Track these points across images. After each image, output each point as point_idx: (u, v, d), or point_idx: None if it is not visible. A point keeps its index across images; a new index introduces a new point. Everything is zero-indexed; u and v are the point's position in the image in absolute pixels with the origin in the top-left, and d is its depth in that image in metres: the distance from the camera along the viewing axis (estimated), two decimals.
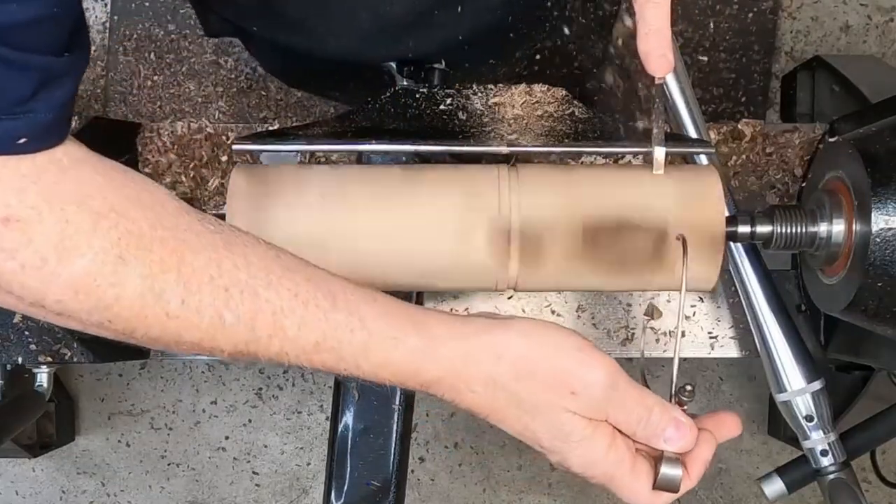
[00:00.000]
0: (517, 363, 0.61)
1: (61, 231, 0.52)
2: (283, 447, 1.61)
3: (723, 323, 1.10)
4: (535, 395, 0.61)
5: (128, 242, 0.54)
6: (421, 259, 0.80)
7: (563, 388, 0.60)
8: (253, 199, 0.80)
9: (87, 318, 0.55)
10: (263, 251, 0.60)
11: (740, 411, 1.58)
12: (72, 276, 0.53)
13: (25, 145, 0.52)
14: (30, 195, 0.52)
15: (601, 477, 0.62)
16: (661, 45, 0.74)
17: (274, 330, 0.58)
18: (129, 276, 0.54)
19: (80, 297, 0.54)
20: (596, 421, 0.61)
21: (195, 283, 0.55)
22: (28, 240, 0.52)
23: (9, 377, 1.24)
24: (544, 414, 0.61)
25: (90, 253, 0.53)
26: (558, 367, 0.61)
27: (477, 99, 0.84)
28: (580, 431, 0.61)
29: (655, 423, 0.62)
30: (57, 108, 0.53)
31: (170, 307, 0.55)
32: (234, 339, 0.58)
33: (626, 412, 0.61)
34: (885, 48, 1.55)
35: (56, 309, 0.55)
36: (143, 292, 0.54)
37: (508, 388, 0.61)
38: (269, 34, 0.89)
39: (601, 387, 0.60)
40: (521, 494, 1.59)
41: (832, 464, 0.97)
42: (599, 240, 0.79)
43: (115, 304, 0.54)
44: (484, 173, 0.81)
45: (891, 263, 0.80)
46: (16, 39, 0.49)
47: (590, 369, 0.61)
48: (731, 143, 1.07)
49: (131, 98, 1.52)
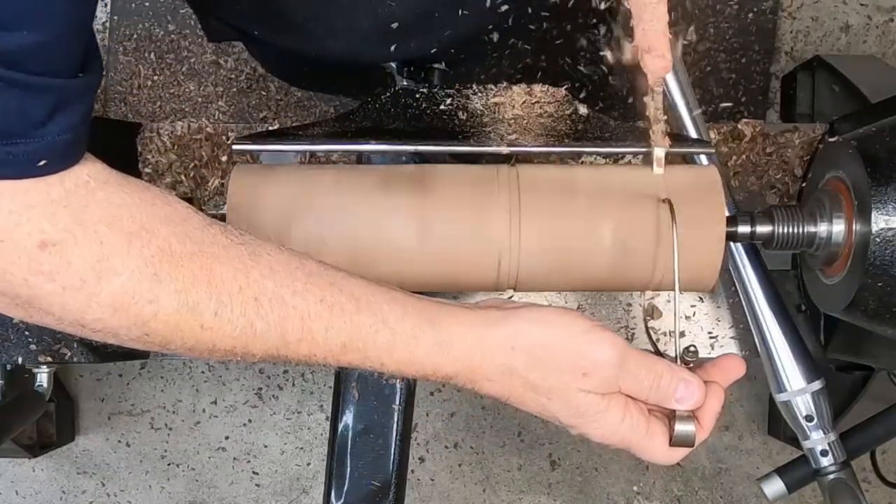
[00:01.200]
0: (530, 352, 0.63)
1: (97, 252, 0.54)
2: (283, 447, 1.60)
3: (723, 323, 1.10)
4: (548, 380, 0.64)
5: (160, 259, 0.56)
6: (421, 260, 0.80)
7: (576, 371, 0.63)
8: (252, 199, 0.80)
9: (125, 335, 0.57)
10: (286, 259, 0.61)
11: (740, 411, 1.58)
12: (110, 295, 0.55)
13: (46, 167, 0.53)
14: (62, 219, 0.53)
15: (619, 443, 0.66)
16: (660, 46, 0.74)
17: (302, 334, 0.60)
18: (164, 291, 0.56)
19: (119, 315, 0.56)
20: (609, 394, 0.64)
21: (226, 295, 0.58)
22: (66, 262, 0.53)
23: (9, 377, 1.24)
24: (559, 396, 0.64)
25: (126, 272, 0.55)
26: (569, 351, 0.63)
27: (477, 99, 0.84)
28: (595, 407, 0.64)
29: (665, 386, 0.65)
30: (73, 129, 0.54)
31: (204, 319, 0.57)
32: (266, 346, 0.60)
33: (637, 382, 0.64)
34: (885, 48, 1.55)
35: (96, 327, 0.56)
36: (178, 307, 0.56)
37: (523, 375, 0.64)
38: (271, 37, 0.89)
39: (611, 364, 0.63)
40: (521, 494, 1.59)
41: (832, 464, 0.97)
42: (599, 240, 0.79)
43: (153, 319, 0.56)
44: (484, 173, 0.81)
45: (891, 263, 0.80)
46: (29, 64, 0.50)
47: (599, 349, 0.63)
48: (731, 143, 1.07)
49: (131, 98, 1.52)
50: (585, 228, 0.79)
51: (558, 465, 1.59)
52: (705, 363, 0.70)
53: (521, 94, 0.83)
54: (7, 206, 0.52)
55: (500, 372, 0.64)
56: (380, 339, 0.62)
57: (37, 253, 0.53)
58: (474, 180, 0.80)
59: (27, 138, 0.51)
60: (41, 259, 0.53)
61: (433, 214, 0.79)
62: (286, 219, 0.79)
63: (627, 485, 1.59)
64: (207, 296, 0.57)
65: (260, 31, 0.89)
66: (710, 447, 1.59)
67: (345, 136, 0.81)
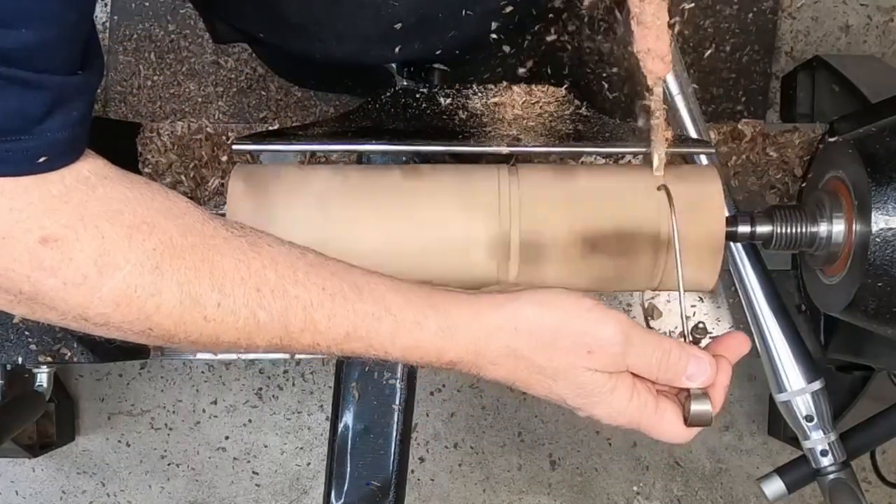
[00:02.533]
0: (534, 333, 0.63)
1: (98, 247, 0.54)
2: (283, 447, 1.60)
3: (723, 323, 1.10)
4: (554, 360, 0.63)
5: (162, 252, 0.56)
6: (421, 260, 0.80)
7: (581, 349, 0.63)
8: (252, 199, 0.80)
9: (129, 329, 0.57)
10: (287, 250, 0.62)
11: (740, 411, 1.58)
12: (112, 290, 0.55)
13: (46, 164, 0.53)
14: (62, 215, 0.54)
15: (628, 423, 0.65)
16: (660, 46, 0.74)
17: (305, 324, 0.60)
18: (167, 284, 0.56)
19: (122, 309, 0.56)
20: (616, 374, 0.64)
21: (228, 286, 0.58)
22: (68, 258, 0.54)
23: (9, 377, 1.24)
24: (566, 376, 0.63)
25: (128, 266, 0.55)
26: (573, 330, 0.63)
27: (477, 99, 0.84)
28: (602, 386, 0.63)
29: (675, 363, 0.64)
30: (73, 126, 0.54)
31: (207, 311, 0.57)
32: (269, 336, 0.60)
33: (645, 360, 0.64)
34: (885, 48, 1.55)
35: (99, 321, 0.56)
36: (181, 299, 0.56)
37: (528, 357, 0.63)
38: (275, 40, 0.89)
39: (616, 342, 0.63)
40: (521, 494, 1.59)
41: (832, 464, 0.97)
42: (599, 241, 0.79)
43: (156, 312, 0.56)
44: (484, 174, 0.81)
45: (891, 263, 0.80)
46: (28, 61, 0.50)
47: (603, 326, 0.63)
48: (731, 143, 1.07)
49: (131, 98, 1.52)
50: (585, 228, 0.79)
51: (558, 465, 1.59)
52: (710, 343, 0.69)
53: (521, 94, 0.83)
54: (7, 203, 0.52)
55: (505, 355, 0.64)
56: (383, 326, 0.62)
57: (38, 249, 0.53)
58: (474, 180, 0.80)
59: (27, 135, 0.52)
60: (43, 255, 0.53)
61: (432, 215, 0.79)
62: (287, 219, 0.79)
63: (627, 485, 1.59)
64: (210, 287, 0.57)
65: (264, 34, 0.89)
66: (710, 447, 1.59)
67: (345, 136, 0.81)
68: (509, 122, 0.82)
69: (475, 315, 0.63)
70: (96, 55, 0.57)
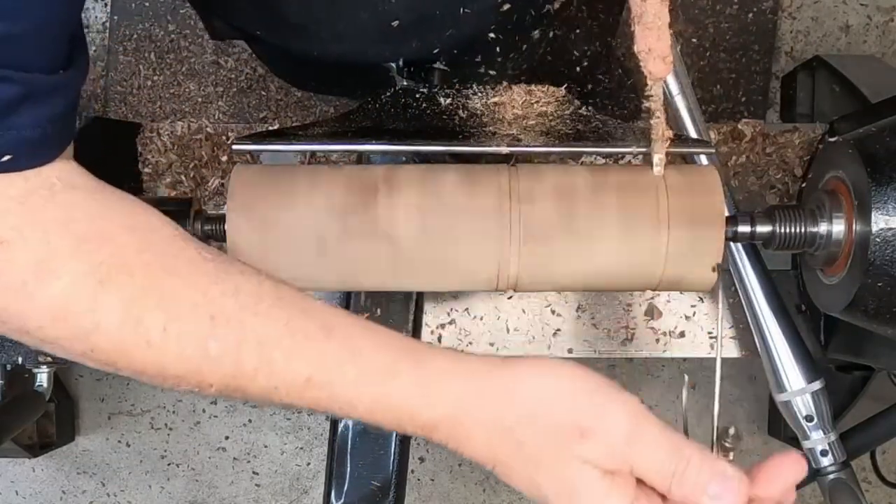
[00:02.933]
0: (527, 404, 0.53)
1: (41, 252, 0.51)
2: (283, 447, 1.60)
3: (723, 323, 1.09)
4: (538, 439, 0.53)
5: (109, 267, 0.52)
6: (420, 261, 0.80)
7: (572, 430, 0.52)
8: (252, 199, 0.80)
9: (69, 347, 0.53)
10: (258, 281, 0.56)
11: (740, 411, 1.58)
12: (49, 300, 0.51)
13: (11, 163, 0.50)
14: (13, 217, 0.51)
15: None
16: (660, 46, 0.74)
17: (259, 362, 0.53)
18: (108, 301, 0.51)
19: (59, 324, 0.52)
20: (614, 474, 0.52)
21: (175, 310, 0.53)
22: (9, 261, 0.50)
23: (9, 377, 1.24)
24: (550, 465, 0.53)
25: (67, 276, 0.51)
26: (571, 407, 0.53)
27: (477, 99, 0.84)
28: (593, 487, 0.52)
29: (694, 477, 0.51)
30: (44, 125, 0.51)
31: (150, 335, 0.52)
32: (221, 372, 0.54)
33: (656, 462, 0.51)
34: (885, 48, 1.55)
35: (39, 336, 0.53)
36: (123, 319, 0.52)
37: (514, 432, 0.53)
38: (273, 38, 0.89)
39: (620, 430, 0.52)
40: (520, 494, 1.59)
41: (832, 464, 0.97)
42: (599, 240, 0.79)
43: (95, 331, 0.52)
44: (484, 174, 0.81)
45: (891, 263, 0.80)
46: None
47: (609, 406, 0.52)
48: (731, 143, 1.07)
49: (131, 98, 1.52)
50: (585, 228, 0.79)
51: None
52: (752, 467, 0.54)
53: (521, 94, 0.83)
54: None
55: (489, 427, 0.54)
56: (348, 372, 0.54)
57: None
58: (474, 180, 0.80)
59: None
60: None
61: (432, 215, 0.79)
62: (287, 218, 0.79)
63: None
64: (155, 308, 0.52)
65: (263, 33, 0.89)
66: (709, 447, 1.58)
67: (345, 136, 0.81)
68: (509, 121, 0.82)
69: (465, 371, 0.55)
70: (80, 55, 0.55)
